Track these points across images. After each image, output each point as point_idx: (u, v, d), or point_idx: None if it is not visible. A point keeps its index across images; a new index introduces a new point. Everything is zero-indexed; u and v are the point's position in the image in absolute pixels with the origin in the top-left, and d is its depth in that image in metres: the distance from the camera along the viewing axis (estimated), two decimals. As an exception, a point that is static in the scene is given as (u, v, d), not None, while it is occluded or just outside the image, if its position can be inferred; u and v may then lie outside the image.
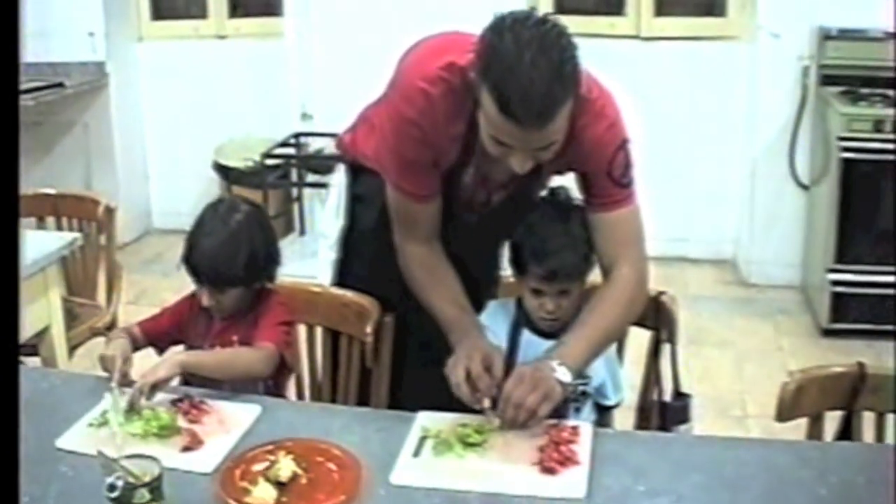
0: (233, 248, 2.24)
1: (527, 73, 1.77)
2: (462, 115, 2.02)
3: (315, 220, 5.70)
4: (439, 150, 2.11)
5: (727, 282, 5.22)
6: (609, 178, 2.09)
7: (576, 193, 2.21)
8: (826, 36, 4.71)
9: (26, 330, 3.08)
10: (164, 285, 5.06)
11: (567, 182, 2.24)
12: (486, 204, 2.26)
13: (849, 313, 4.44)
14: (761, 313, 4.83)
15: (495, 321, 2.24)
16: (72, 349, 3.36)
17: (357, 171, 2.44)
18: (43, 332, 3.17)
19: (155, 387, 2.02)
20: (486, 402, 1.97)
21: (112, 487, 1.57)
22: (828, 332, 4.49)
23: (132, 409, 1.98)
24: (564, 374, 1.94)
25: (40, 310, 3.14)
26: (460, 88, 1.98)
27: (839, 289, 4.44)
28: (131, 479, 1.58)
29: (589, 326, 2.07)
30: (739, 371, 4.21)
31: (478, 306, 2.28)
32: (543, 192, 2.28)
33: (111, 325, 3.57)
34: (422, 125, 2.06)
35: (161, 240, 5.98)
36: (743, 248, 5.32)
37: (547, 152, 1.93)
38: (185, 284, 2.33)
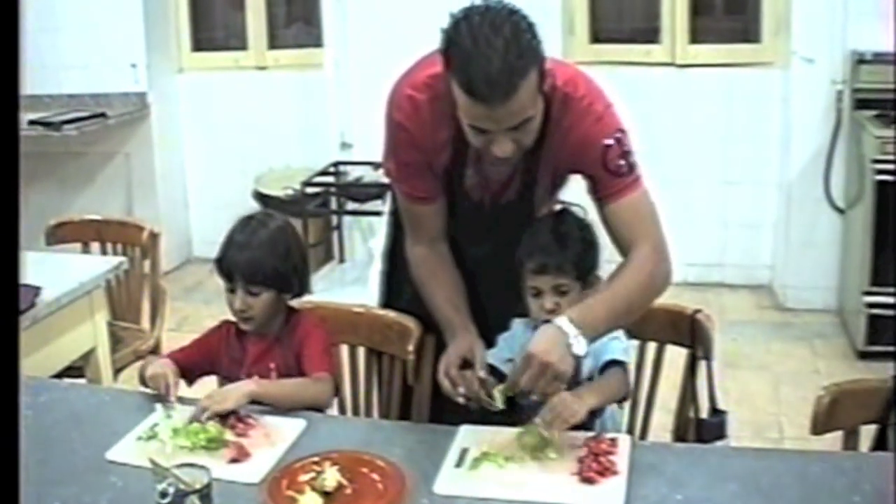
0: (268, 245, 2.30)
1: (483, 52, 1.85)
2: (448, 119, 2.09)
3: (354, 247, 5.76)
4: (429, 154, 2.21)
5: (764, 306, 5.22)
6: (606, 170, 2.12)
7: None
8: (859, 60, 4.71)
9: (73, 352, 3.16)
10: (204, 313, 5.12)
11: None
12: (494, 206, 2.31)
13: (885, 336, 4.41)
14: (798, 337, 4.82)
15: (515, 337, 2.25)
16: (116, 372, 3.41)
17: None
18: (88, 354, 3.22)
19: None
20: (462, 390, 2.04)
21: (164, 494, 1.62)
22: (864, 355, 4.47)
23: (189, 424, 2.01)
24: (580, 347, 1.93)
25: (86, 332, 3.19)
26: (445, 94, 2.03)
27: (875, 311, 4.43)
28: (182, 487, 1.62)
29: (610, 291, 2.06)
30: (776, 394, 4.20)
31: (505, 313, 2.31)
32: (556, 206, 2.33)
33: (155, 349, 3.64)
34: (409, 129, 2.18)
35: (201, 268, 6.03)
36: (779, 272, 5.31)
37: (523, 133, 1.99)
38: (225, 312, 2.36)
